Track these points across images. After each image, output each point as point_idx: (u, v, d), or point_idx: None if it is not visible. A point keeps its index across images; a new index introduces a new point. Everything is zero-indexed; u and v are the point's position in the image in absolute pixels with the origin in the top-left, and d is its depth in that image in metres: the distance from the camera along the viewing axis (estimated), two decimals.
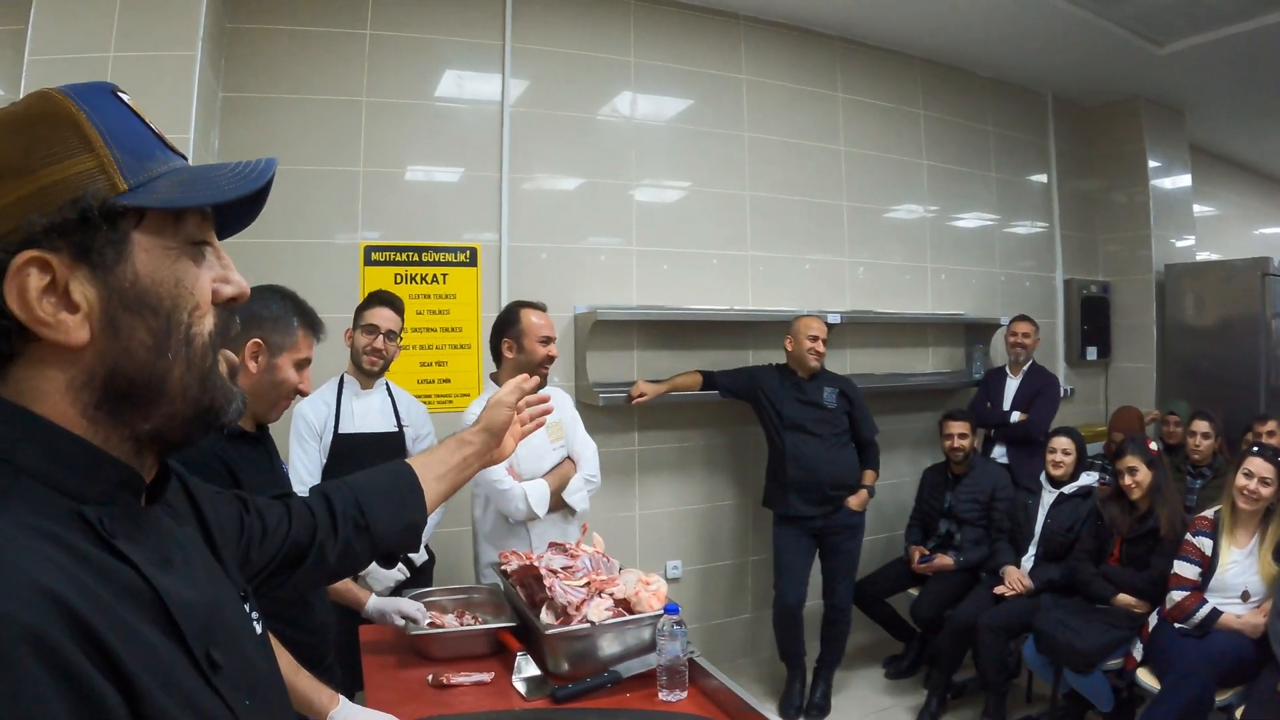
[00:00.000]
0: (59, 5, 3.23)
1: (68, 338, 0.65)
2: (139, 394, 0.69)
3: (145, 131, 0.73)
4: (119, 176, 0.67)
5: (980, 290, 5.36)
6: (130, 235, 0.68)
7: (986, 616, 3.79)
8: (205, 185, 0.72)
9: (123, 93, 0.74)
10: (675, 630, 1.98)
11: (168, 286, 0.70)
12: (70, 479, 0.66)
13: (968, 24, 4.79)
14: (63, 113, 0.68)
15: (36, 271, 0.64)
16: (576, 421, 3.18)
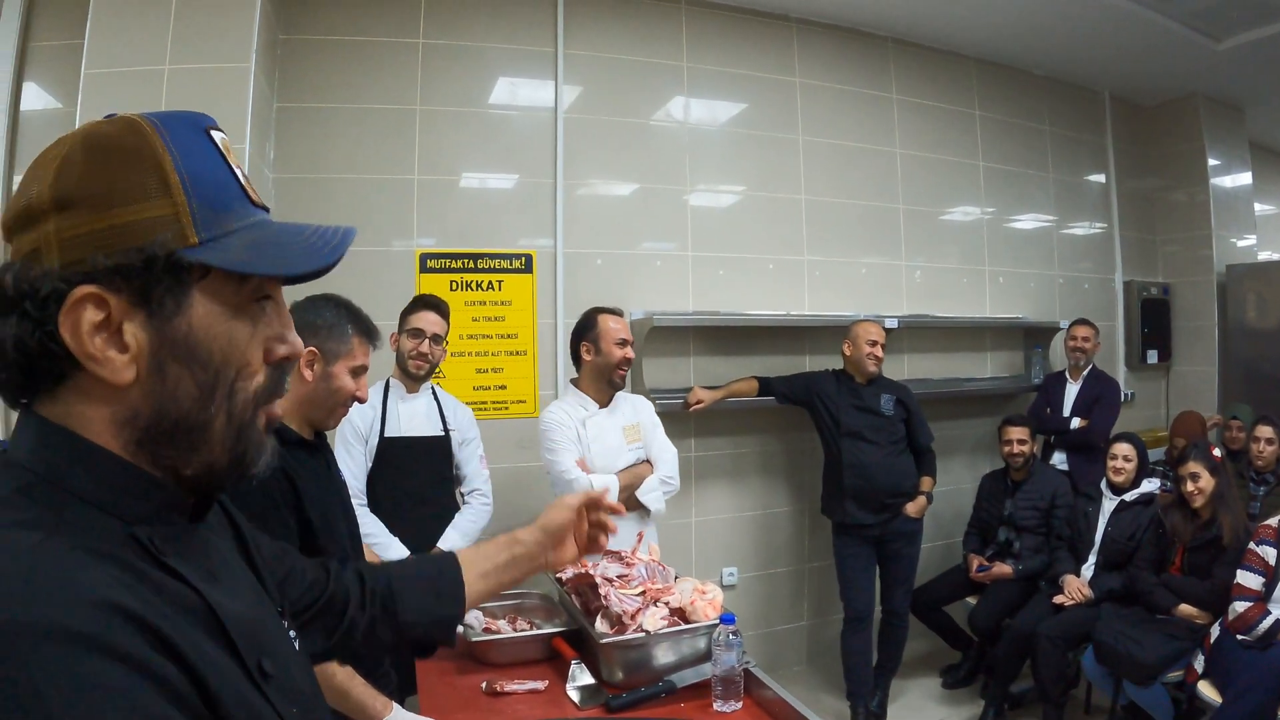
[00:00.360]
0: (114, 20, 3.31)
1: (113, 376, 0.66)
2: (180, 439, 0.70)
3: (230, 180, 0.72)
4: (191, 229, 0.67)
5: (1039, 293, 5.26)
6: (192, 288, 0.68)
7: (1045, 626, 3.73)
8: (275, 253, 0.71)
9: (216, 130, 0.74)
10: (731, 640, 1.96)
11: (220, 343, 0.70)
12: (120, 501, 0.67)
13: (1022, 22, 4.70)
14: (149, 152, 0.67)
15: (92, 307, 0.64)
16: (656, 426, 3.24)
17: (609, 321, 3.13)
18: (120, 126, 0.69)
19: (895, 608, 4.06)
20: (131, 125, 0.69)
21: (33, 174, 0.69)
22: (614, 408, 3.19)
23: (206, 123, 0.73)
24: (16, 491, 0.64)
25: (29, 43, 3.75)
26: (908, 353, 4.79)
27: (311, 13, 3.88)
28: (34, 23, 3.76)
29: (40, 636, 0.52)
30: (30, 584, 0.55)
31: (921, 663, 4.57)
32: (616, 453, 3.12)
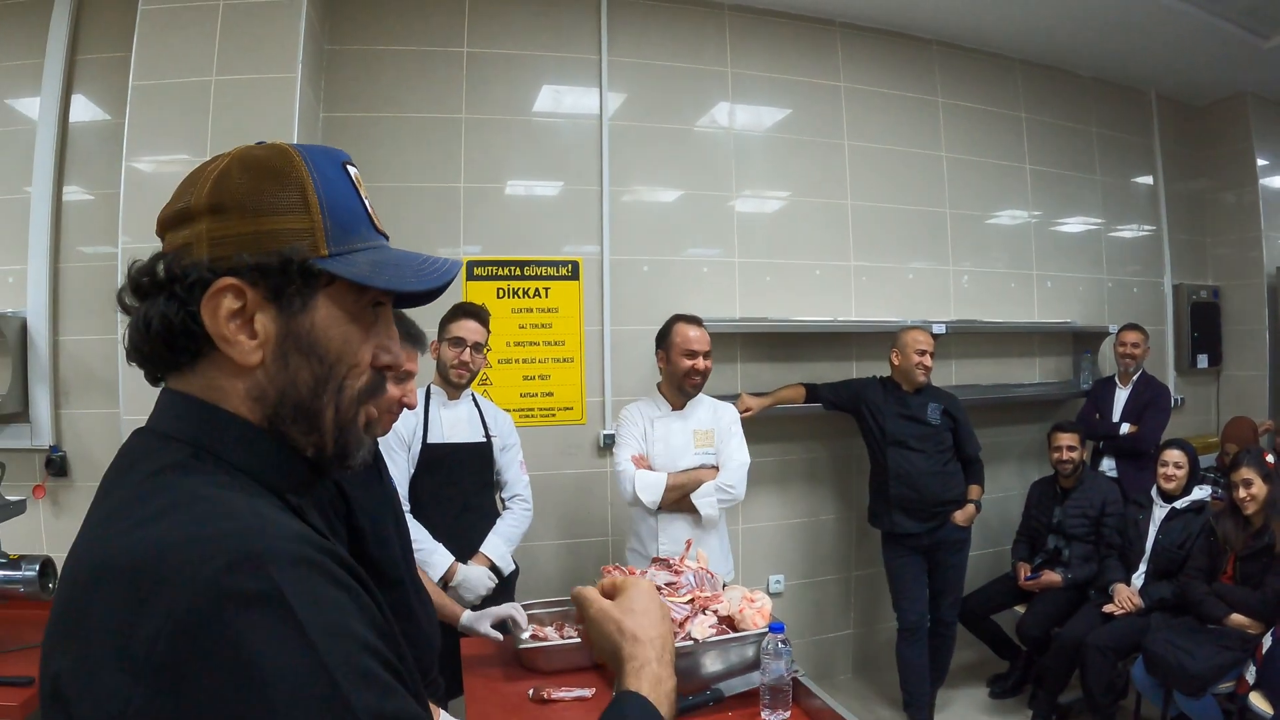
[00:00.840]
0: (160, 32, 3.36)
1: (242, 357, 0.76)
2: (300, 421, 0.80)
3: (359, 209, 0.83)
4: (324, 242, 0.78)
5: (1087, 297, 5.18)
6: (318, 292, 0.78)
7: (1094, 636, 3.68)
8: (392, 272, 0.81)
9: (352, 166, 0.85)
10: (780, 649, 1.96)
11: (335, 343, 0.80)
12: (270, 473, 0.78)
13: (1068, 22, 4.64)
14: (295, 174, 0.79)
15: (231, 296, 0.75)
16: (733, 435, 3.29)
17: (682, 332, 3.24)
18: (272, 151, 0.81)
19: (942, 616, 4.03)
20: (282, 151, 0.80)
21: (189, 183, 0.81)
22: (689, 411, 3.27)
23: (344, 158, 0.84)
24: (194, 458, 0.75)
25: (77, 56, 3.83)
26: (955, 358, 4.73)
27: (357, 23, 3.92)
28: (81, 36, 3.84)
29: (288, 562, 0.63)
30: (267, 524, 0.67)
31: (969, 672, 4.51)
32: (680, 454, 3.22)
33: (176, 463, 0.74)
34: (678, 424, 3.24)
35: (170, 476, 0.72)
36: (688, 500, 3.14)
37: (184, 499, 0.68)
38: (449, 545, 2.99)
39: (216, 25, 3.36)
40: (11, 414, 3.66)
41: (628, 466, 3.18)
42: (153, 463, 0.74)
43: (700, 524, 3.15)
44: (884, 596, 4.18)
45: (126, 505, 0.70)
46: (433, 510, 3.04)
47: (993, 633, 4.31)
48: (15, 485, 3.31)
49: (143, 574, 0.61)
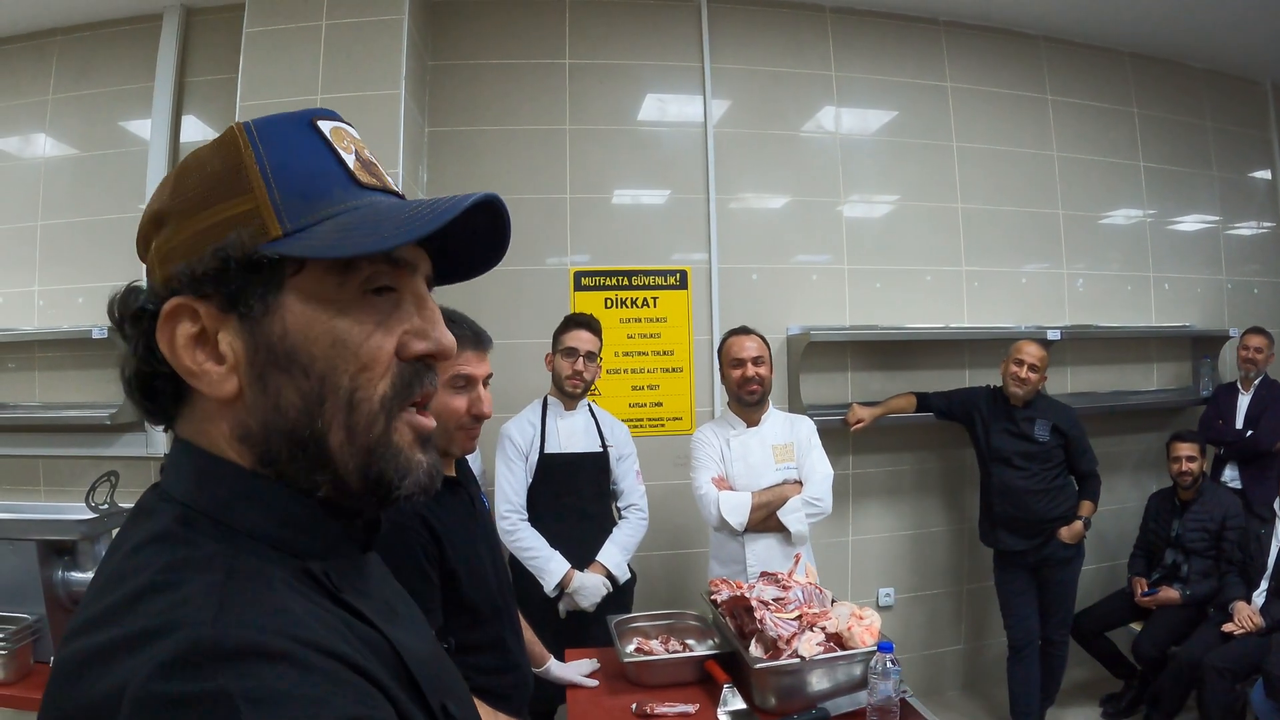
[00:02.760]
0: (266, 53, 3.45)
1: (213, 389, 0.62)
2: (297, 456, 0.63)
3: (329, 167, 0.66)
4: (274, 221, 0.62)
5: (1206, 299, 4.96)
6: (284, 285, 0.62)
7: (1212, 656, 3.51)
8: (367, 231, 0.62)
9: (329, 120, 0.68)
10: (889, 669, 1.92)
11: (322, 346, 0.63)
12: (290, 536, 0.63)
13: (1178, 11, 4.44)
14: (231, 152, 0.64)
15: (186, 320, 0.62)
16: (813, 446, 3.16)
17: (729, 344, 3.17)
18: (216, 138, 0.66)
19: (1051, 635, 3.91)
20: (224, 133, 0.66)
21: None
22: (764, 426, 3.15)
23: (315, 115, 0.68)
24: (182, 524, 0.60)
25: (185, 78, 3.95)
26: (1070, 365, 4.57)
27: (459, 38, 3.97)
28: (190, 59, 3.96)
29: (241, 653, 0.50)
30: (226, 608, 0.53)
31: (1082, 690, 4.35)
32: (761, 472, 3.09)
33: (159, 533, 0.60)
34: (754, 440, 3.13)
35: (146, 555, 0.58)
36: (773, 519, 3.02)
37: (148, 586, 0.54)
38: (566, 553, 3.00)
39: (320, 45, 3.43)
40: (128, 423, 3.78)
41: (709, 489, 3.07)
42: (138, 534, 0.61)
43: (789, 542, 3.04)
44: (996, 611, 4.07)
45: (104, 598, 0.56)
46: (550, 519, 3.07)
47: (1107, 650, 4.16)
48: (130, 492, 3.38)
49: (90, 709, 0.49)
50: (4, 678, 2.33)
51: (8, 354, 4.04)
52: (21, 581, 2.48)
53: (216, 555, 0.58)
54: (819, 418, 3.81)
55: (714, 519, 3.06)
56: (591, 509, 3.17)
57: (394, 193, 0.69)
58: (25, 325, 3.98)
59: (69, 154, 4.08)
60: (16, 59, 4.13)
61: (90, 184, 4.01)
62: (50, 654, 2.47)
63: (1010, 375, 3.74)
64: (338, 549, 0.67)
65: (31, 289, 4.00)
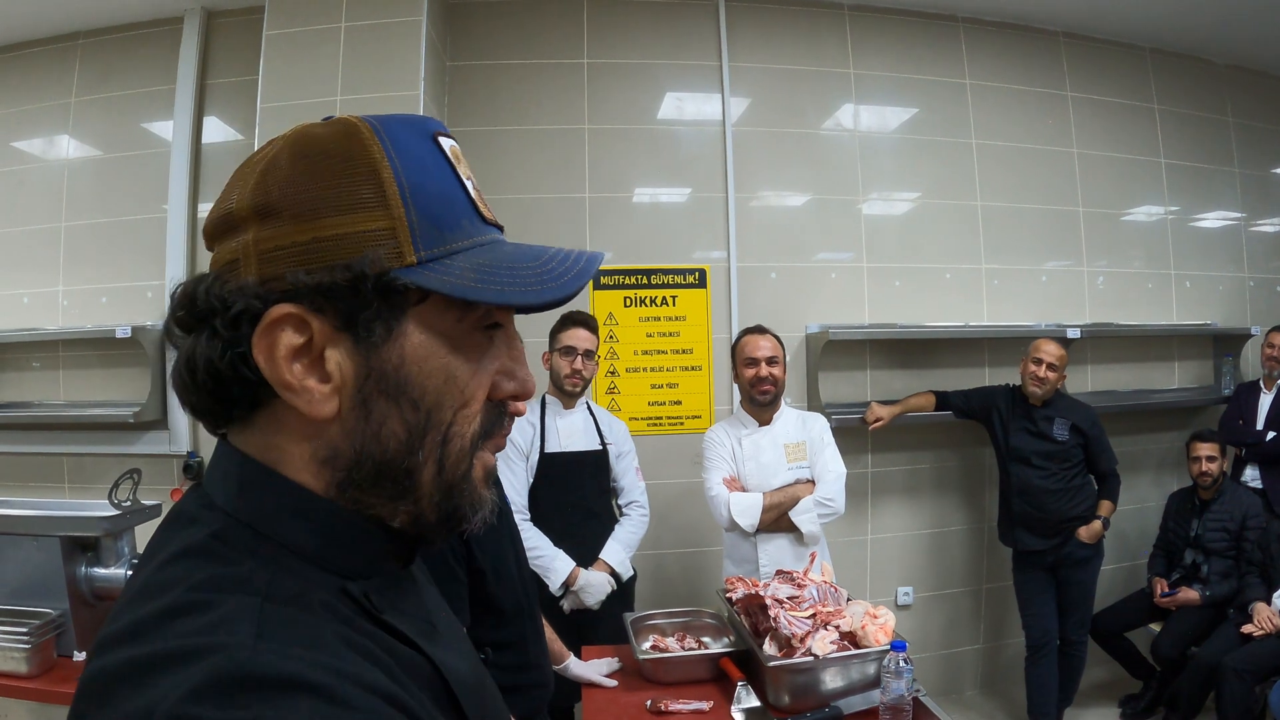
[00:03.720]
0: (286, 55, 3.46)
1: (311, 408, 0.59)
2: (386, 486, 0.62)
3: (458, 194, 0.64)
4: (410, 246, 0.59)
5: (1229, 297, 4.92)
6: (407, 314, 0.60)
7: (1232, 658, 3.49)
8: (506, 278, 0.61)
9: (445, 136, 0.65)
10: (901, 668, 1.93)
11: (435, 380, 0.61)
12: (336, 554, 0.61)
13: (1199, 6, 4.40)
14: (364, 157, 0.60)
15: (291, 330, 0.58)
16: (825, 444, 3.13)
17: (743, 343, 3.16)
18: (335, 129, 0.62)
19: (1069, 635, 3.89)
20: (347, 128, 0.61)
21: (237, 177, 0.63)
22: (776, 425, 3.14)
23: (434, 128, 0.65)
24: (218, 540, 0.58)
25: (207, 80, 3.98)
26: (1091, 363, 4.55)
27: (477, 39, 3.98)
28: (211, 61, 3.99)
29: (277, 686, 0.48)
30: (262, 634, 0.51)
31: (1100, 691, 4.32)
32: (773, 471, 3.07)
33: (195, 546, 0.58)
34: (766, 439, 3.11)
35: (181, 568, 0.56)
36: (786, 518, 3.00)
37: (178, 605, 0.52)
38: (569, 551, 3.01)
39: (339, 47, 3.44)
40: (151, 421, 3.83)
41: (720, 490, 3.06)
42: (174, 543, 0.59)
43: (801, 542, 3.02)
44: (1014, 611, 4.05)
45: (132, 610, 0.54)
46: (553, 518, 3.07)
47: (1126, 651, 4.13)
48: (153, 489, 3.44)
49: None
50: (28, 671, 2.36)
51: (33, 353, 4.08)
52: (46, 577, 2.51)
53: (254, 574, 0.56)
54: (837, 416, 3.83)
55: (725, 520, 3.06)
56: (593, 507, 3.17)
57: (499, 225, 0.68)
58: (50, 325, 4.02)
59: (92, 155, 4.12)
60: (40, 62, 4.17)
61: (113, 185, 4.05)
62: (73, 648, 2.50)
63: (1029, 374, 3.73)
64: (379, 566, 0.65)
65: (56, 289, 4.05)
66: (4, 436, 4.05)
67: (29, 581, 2.53)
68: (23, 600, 2.51)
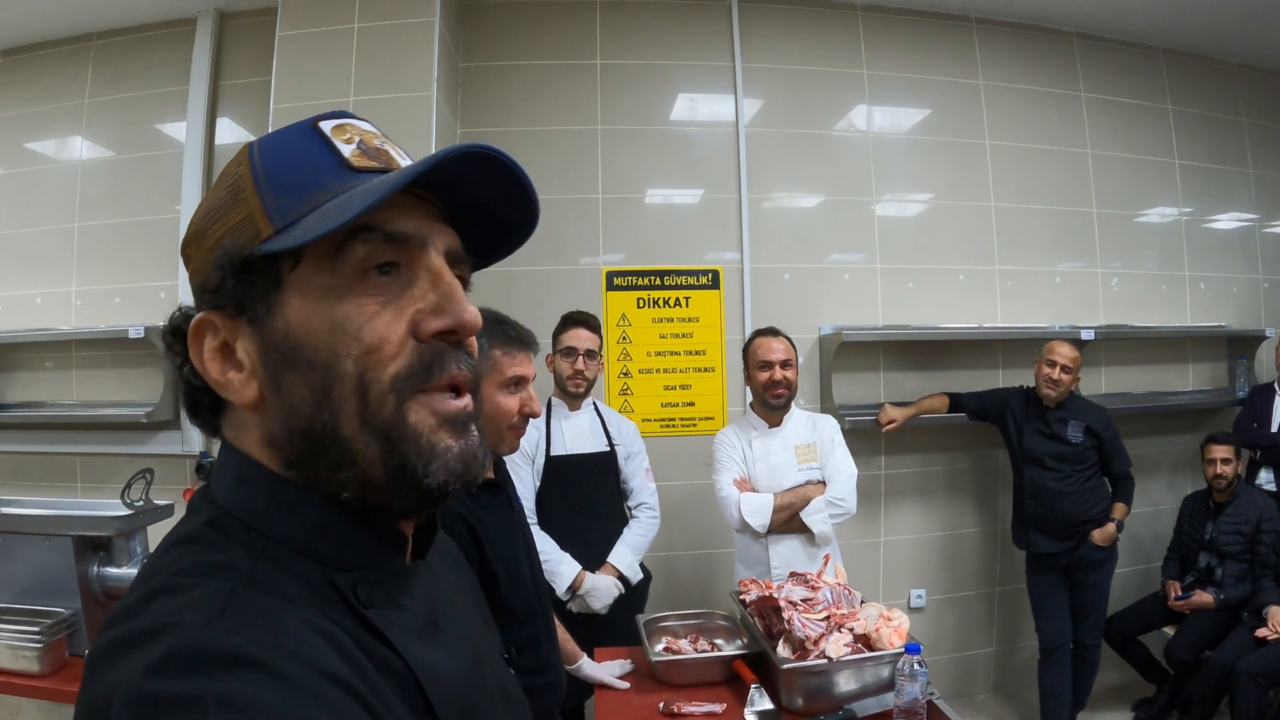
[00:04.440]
0: (299, 57, 3.47)
1: (237, 396, 0.63)
2: (318, 455, 0.62)
3: (322, 158, 0.64)
4: (264, 221, 0.62)
5: (1243, 298, 4.89)
6: (284, 283, 0.62)
7: (1246, 661, 3.47)
8: (341, 207, 0.60)
9: (333, 119, 0.68)
10: (916, 670, 1.93)
11: (322, 334, 0.61)
12: (324, 546, 0.62)
13: (1213, 6, 4.37)
14: (232, 171, 0.66)
15: (209, 334, 0.64)
16: (836, 445, 3.12)
17: (756, 345, 3.14)
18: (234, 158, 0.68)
19: (1082, 638, 3.87)
20: (238, 154, 0.67)
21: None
22: (786, 427, 3.13)
23: (321, 117, 0.68)
24: (212, 527, 0.62)
25: (220, 81, 3.99)
26: (1105, 365, 4.53)
27: (490, 40, 3.98)
28: (224, 63, 4.00)
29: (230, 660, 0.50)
30: (227, 614, 0.53)
31: (1114, 694, 4.30)
32: (784, 472, 3.07)
33: (189, 535, 0.62)
34: (776, 441, 3.11)
35: (173, 555, 0.60)
36: (797, 519, 2.99)
37: (160, 587, 0.56)
38: (577, 555, 2.99)
39: (352, 48, 3.45)
40: (164, 421, 3.83)
41: (731, 491, 3.05)
42: (175, 533, 0.63)
43: (812, 543, 3.01)
44: (1028, 614, 4.03)
45: (129, 594, 0.58)
46: (559, 521, 3.05)
47: (1140, 654, 4.11)
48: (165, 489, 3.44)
49: (90, 710, 0.51)
50: (39, 670, 2.37)
51: (46, 353, 4.10)
52: (58, 576, 2.52)
53: (237, 561, 0.58)
54: (851, 418, 3.82)
55: (735, 521, 3.05)
56: (601, 509, 3.15)
57: (385, 169, 0.66)
58: (63, 325, 4.04)
59: (105, 156, 4.13)
60: (53, 63, 4.19)
61: (126, 186, 4.06)
62: (84, 648, 2.50)
63: (1043, 376, 3.72)
64: (376, 559, 0.65)
65: (69, 289, 4.06)
66: (17, 436, 4.07)
67: (41, 581, 2.53)
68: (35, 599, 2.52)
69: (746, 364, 3.18)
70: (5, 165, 4.23)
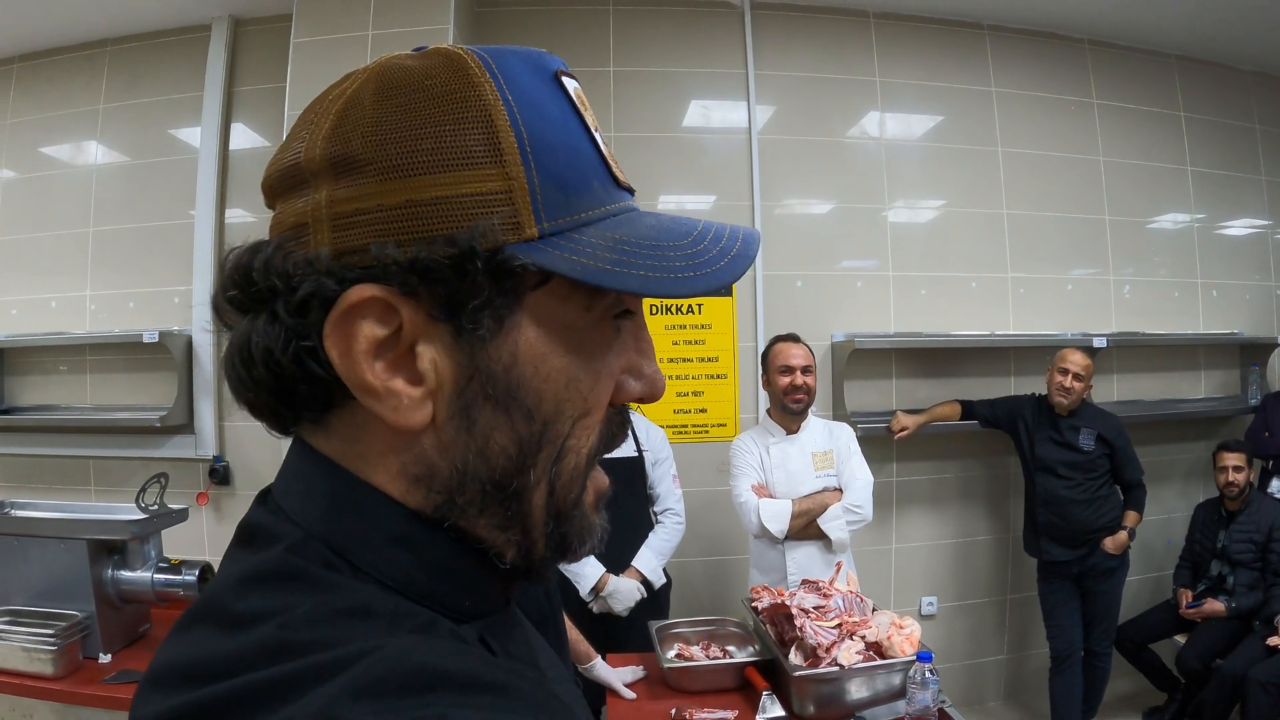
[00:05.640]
0: (313, 63, 3.48)
1: (397, 417, 0.47)
2: (493, 511, 0.50)
3: (587, 149, 0.51)
4: (529, 215, 0.47)
5: (1255, 306, 4.88)
6: (523, 300, 0.48)
7: (1257, 670, 3.46)
8: (651, 259, 0.48)
9: (568, 77, 0.52)
10: (927, 678, 1.94)
11: (555, 384, 0.49)
12: (446, 592, 0.49)
13: (1225, 14, 4.36)
14: (474, 97, 0.47)
15: (375, 318, 0.46)
16: (853, 453, 3.15)
17: (777, 350, 3.17)
18: (434, 61, 0.49)
19: (1093, 646, 3.87)
20: (450, 60, 0.48)
21: (306, 118, 0.50)
22: (803, 434, 3.15)
23: (556, 65, 0.52)
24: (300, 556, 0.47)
25: (234, 87, 4.02)
26: (1117, 373, 4.52)
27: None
28: (238, 69, 4.03)
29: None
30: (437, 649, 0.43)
31: (1125, 703, 4.30)
32: (801, 479, 3.09)
33: (279, 570, 0.46)
34: (794, 448, 3.13)
35: (268, 594, 0.45)
36: (814, 526, 3.01)
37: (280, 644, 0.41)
38: (601, 558, 3.01)
39: (367, 54, 3.45)
40: (178, 425, 3.85)
41: (749, 497, 3.06)
42: (253, 561, 0.48)
43: (829, 550, 3.03)
44: (1039, 622, 4.04)
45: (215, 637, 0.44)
46: None
47: (1151, 663, 4.10)
48: (180, 493, 3.48)
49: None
50: (53, 673, 2.39)
51: (60, 357, 4.12)
52: (72, 579, 2.54)
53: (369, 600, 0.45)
54: (863, 425, 3.82)
55: (754, 527, 3.05)
56: (627, 513, 3.16)
57: (631, 190, 0.55)
58: (77, 329, 4.06)
59: (120, 161, 4.15)
60: (69, 69, 4.21)
61: (141, 191, 4.08)
62: (98, 650, 2.52)
63: (1055, 384, 3.71)
64: (490, 606, 0.54)
65: (84, 293, 4.08)
66: (31, 439, 4.09)
67: (55, 583, 2.56)
68: (49, 602, 2.54)
69: (766, 369, 3.19)
70: (21, 170, 4.25)
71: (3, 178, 4.28)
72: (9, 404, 4.17)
